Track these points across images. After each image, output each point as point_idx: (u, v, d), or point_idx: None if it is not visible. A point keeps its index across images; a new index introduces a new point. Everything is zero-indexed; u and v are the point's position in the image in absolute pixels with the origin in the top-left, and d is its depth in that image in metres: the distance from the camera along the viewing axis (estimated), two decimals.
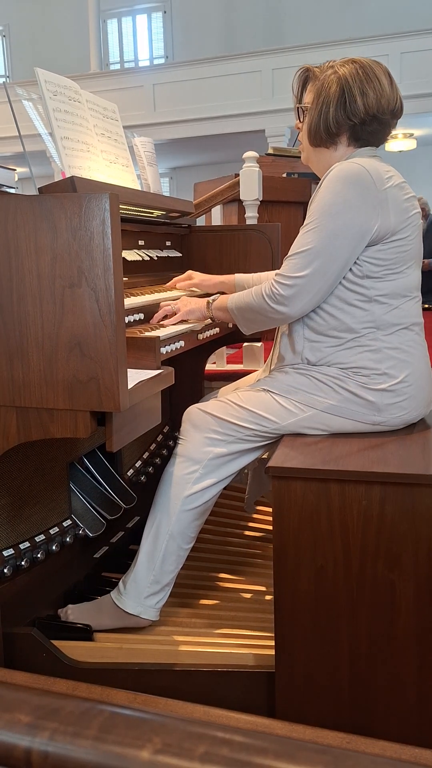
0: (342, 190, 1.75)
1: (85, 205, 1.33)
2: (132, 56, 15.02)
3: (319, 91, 1.87)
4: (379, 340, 1.82)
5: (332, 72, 1.87)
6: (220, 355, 3.37)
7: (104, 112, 2.15)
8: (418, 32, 10.67)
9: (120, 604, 1.93)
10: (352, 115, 1.84)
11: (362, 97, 1.82)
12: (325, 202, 1.77)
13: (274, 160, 4.41)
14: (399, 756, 0.66)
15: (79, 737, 0.50)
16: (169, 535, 1.89)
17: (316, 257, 1.76)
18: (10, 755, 0.50)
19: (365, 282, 1.80)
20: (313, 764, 0.44)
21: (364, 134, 1.89)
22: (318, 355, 1.86)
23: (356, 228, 1.75)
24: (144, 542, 1.93)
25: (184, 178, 14.90)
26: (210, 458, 1.88)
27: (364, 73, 1.84)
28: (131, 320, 1.86)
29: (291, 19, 13.34)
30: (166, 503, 1.90)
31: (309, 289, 1.78)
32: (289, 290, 1.78)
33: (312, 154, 1.99)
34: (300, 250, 1.78)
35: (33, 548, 1.91)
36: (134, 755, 0.47)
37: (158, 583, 1.91)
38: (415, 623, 1.59)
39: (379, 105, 1.84)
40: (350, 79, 1.83)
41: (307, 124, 1.93)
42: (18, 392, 1.45)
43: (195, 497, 1.89)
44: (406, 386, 1.83)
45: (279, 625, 1.68)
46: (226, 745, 0.46)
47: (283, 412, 1.86)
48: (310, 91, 1.93)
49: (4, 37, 15.49)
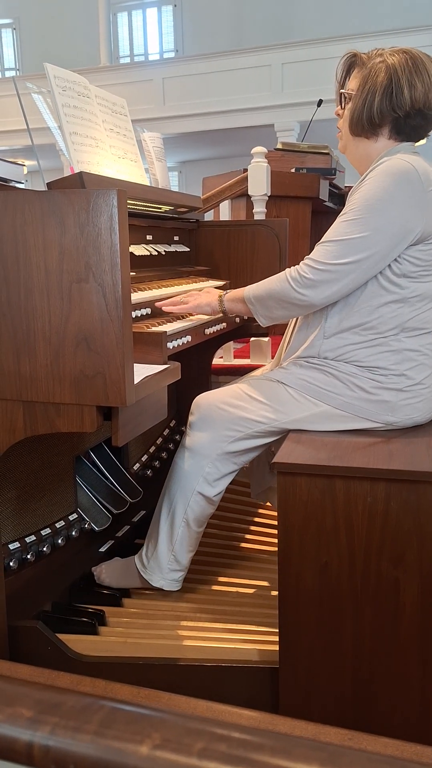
0: (390, 186, 1.71)
1: (93, 200, 1.34)
2: (142, 50, 15.01)
3: (366, 78, 1.81)
4: (402, 341, 1.80)
5: (381, 60, 1.80)
6: (228, 350, 3.37)
7: (113, 107, 2.15)
8: (427, 27, 10.60)
9: (146, 576, 2.05)
10: (397, 107, 1.79)
11: (410, 89, 1.76)
12: (371, 196, 1.72)
13: (283, 155, 4.40)
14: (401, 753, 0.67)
15: (80, 732, 0.51)
16: (185, 523, 1.99)
17: (353, 249, 1.72)
18: (12, 749, 0.51)
19: (402, 281, 1.77)
20: (309, 761, 0.44)
21: (406, 128, 1.83)
22: (337, 351, 1.85)
23: (398, 226, 1.71)
24: (161, 528, 2.02)
25: (193, 172, 14.89)
26: (219, 453, 1.90)
27: (414, 65, 1.78)
28: (138, 315, 1.86)
29: (301, 14, 13.30)
30: (180, 495, 1.97)
31: (339, 279, 1.74)
32: (320, 275, 1.74)
33: (350, 143, 1.92)
34: (337, 239, 1.74)
35: (39, 542, 1.92)
36: (133, 750, 0.48)
37: (178, 562, 2.03)
38: (419, 620, 1.59)
39: (427, 99, 1.78)
40: (399, 70, 1.77)
41: (350, 111, 1.87)
42: (25, 386, 1.45)
43: (208, 489, 1.95)
44: (423, 388, 1.82)
45: (283, 621, 1.68)
46: (224, 741, 0.47)
47: (295, 405, 1.85)
48: (355, 77, 1.87)
49: (14, 30, 15.50)
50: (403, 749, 0.69)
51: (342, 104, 1.92)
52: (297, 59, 11.44)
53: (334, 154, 4.41)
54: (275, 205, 3.92)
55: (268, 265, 2.59)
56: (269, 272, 2.58)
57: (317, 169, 4.22)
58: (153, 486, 2.55)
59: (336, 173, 4.38)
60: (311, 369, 1.87)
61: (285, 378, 1.89)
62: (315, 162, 4.32)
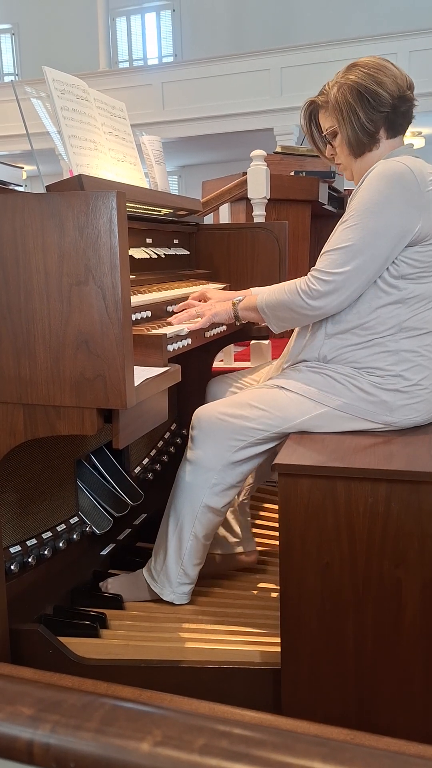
0: (384, 189, 1.73)
1: (92, 203, 1.34)
2: (141, 54, 15.03)
3: (337, 108, 1.88)
4: (399, 342, 1.81)
5: (338, 87, 1.87)
6: (228, 353, 3.37)
7: (112, 110, 2.16)
8: (427, 30, 10.63)
9: (156, 590, 2.05)
10: (381, 107, 1.84)
11: (381, 87, 1.83)
12: (366, 200, 1.75)
13: (282, 158, 4.41)
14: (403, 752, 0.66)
15: (81, 729, 0.51)
16: (194, 536, 1.98)
17: (356, 255, 1.75)
18: (13, 747, 0.50)
19: (399, 282, 1.79)
20: (310, 756, 0.44)
21: (398, 118, 1.88)
22: (336, 352, 1.87)
23: (397, 227, 1.73)
24: (170, 542, 2.01)
25: (192, 176, 14.89)
26: (224, 464, 1.90)
27: (369, 69, 1.85)
28: (138, 318, 1.86)
29: (299, 18, 13.32)
30: (188, 508, 1.96)
31: (347, 286, 1.77)
32: (327, 286, 1.77)
33: (356, 164, 1.96)
34: (339, 246, 1.77)
35: (40, 545, 1.92)
36: (135, 747, 0.48)
37: (187, 575, 2.02)
38: (421, 620, 1.59)
39: (398, 86, 1.84)
40: (361, 81, 1.84)
41: (345, 142, 1.92)
42: (25, 389, 1.45)
43: (215, 501, 1.95)
44: (420, 389, 1.83)
45: (285, 622, 1.68)
46: (225, 738, 0.47)
47: (295, 409, 1.86)
48: (325, 118, 1.95)
49: (13, 35, 15.52)
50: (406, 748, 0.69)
51: (331, 143, 1.98)
52: (296, 63, 11.45)
53: None
54: (275, 208, 3.93)
55: (268, 268, 2.59)
56: (269, 275, 2.59)
57: (316, 173, 4.23)
58: (154, 489, 2.55)
59: (335, 176, 4.39)
60: (309, 372, 1.88)
61: (284, 383, 1.90)
62: (314, 165, 4.34)
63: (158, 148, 2.47)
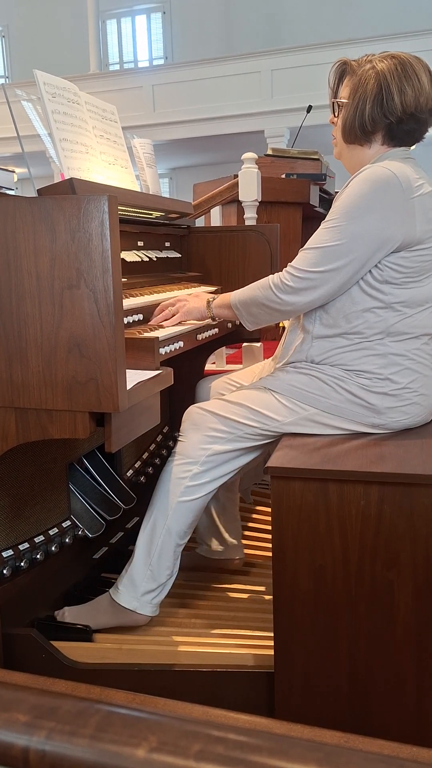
0: (368, 194, 1.72)
1: (83, 206, 1.34)
2: (131, 57, 15.05)
3: (356, 86, 1.81)
4: (387, 345, 1.81)
5: (370, 67, 1.80)
6: (220, 355, 3.37)
7: (103, 113, 2.16)
8: (416, 33, 10.68)
9: (116, 598, 1.92)
10: (389, 113, 1.78)
11: (400, 95, 1.76)
12: (348, 203, 1.74)
13: (273, 161, 4.41)
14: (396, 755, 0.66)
15: (76, 736, 0.51)
16: (166, 530, 1.89)
17: (332, 256, 1.74)
18: (8, 754, 0.50)
19: (384, 287, 1.78)
20: (306, 761, 0.44)
21: (399, 133, 1.83)
22: (324, 354, 1.86)
23: (377, 233, 1.72)
24: (141, 538, 1.93)
25: (183, 178, 14.91)
26: (208, 455, 1.88)
27: (403, 70, 1.77)
28: (130, 321, 1.86)
29: (290, 20, 13.36)
30: (163, 499, 1.91)
31: (319, 286, 1.76)
32: (300, 283, 1.77)
33: (345, 150, 1.93)
34: (317, 246, 1.76)
35: (32, 549, 1.92)
36: (130, 753, 0.48)
37: (155, 580, 1.90)
38: (413, 622, 1.59)
39: (418, 103, 1.77)
40: (389, 76, 1.77)
41: (342, 120, 1.87)
42: (17, 393, 1.45)
43: (190, 491, 1.88)
44: (409, 392, 1.82)
45: (278, 625, 1.68)
46: (221, 743, 0.47)
47: (283, 410, 1.86)
48: (346, 86, 1.87)
49: (3, 37, 15.51)
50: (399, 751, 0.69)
51: (336, 113, 1.92)
52: (287, 65, 11.49)
53: (324, 159, 4.43)
54: (266, 211, 3.93)
55: (260, 271, 2.59)
56: (261, 277, 2.56)
57: (307, 175, 4.23)
58: (146, 492, 2.53)
59: (326, 178, 4.39)
60: (297, 374, 1.88)
61: (272, 384, 1.89)
62: (305, 168, 4.34)
63: (149, 151, 2.47)
